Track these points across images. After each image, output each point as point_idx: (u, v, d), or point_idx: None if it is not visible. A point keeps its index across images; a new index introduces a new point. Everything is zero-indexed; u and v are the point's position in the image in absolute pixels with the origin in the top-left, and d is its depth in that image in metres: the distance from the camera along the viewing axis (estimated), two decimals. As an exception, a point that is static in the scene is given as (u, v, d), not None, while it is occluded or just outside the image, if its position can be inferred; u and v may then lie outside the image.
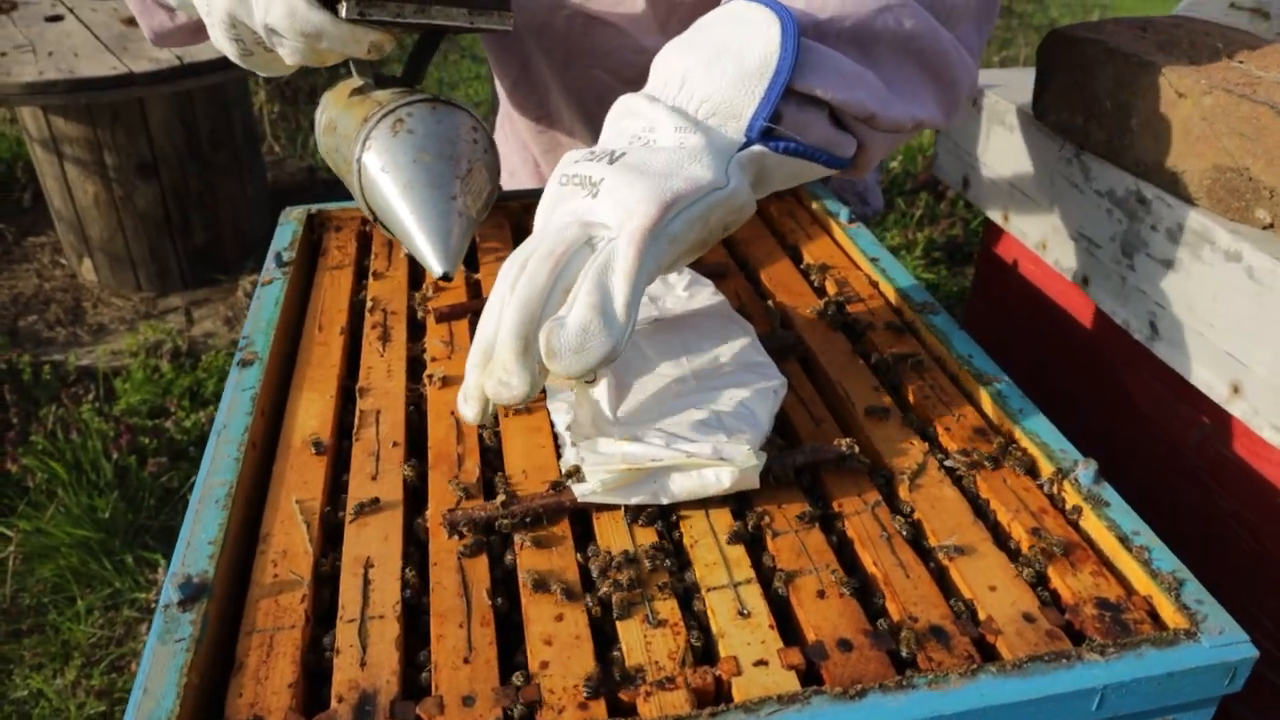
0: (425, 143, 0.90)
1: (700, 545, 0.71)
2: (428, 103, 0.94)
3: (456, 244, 0.87)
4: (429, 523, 0.74)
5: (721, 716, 0.57)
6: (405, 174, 0.88)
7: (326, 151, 1.07)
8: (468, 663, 0.62)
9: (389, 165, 0.89)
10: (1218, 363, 0.91)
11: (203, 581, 0.66)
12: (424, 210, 0.87)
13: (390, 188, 0.89)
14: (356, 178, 0.93)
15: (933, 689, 0.59)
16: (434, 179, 0.88)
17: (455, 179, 0.89)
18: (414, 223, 0.87)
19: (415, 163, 0.88)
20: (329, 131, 1.04)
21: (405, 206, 0.87)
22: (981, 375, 0.88)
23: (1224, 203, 0.90)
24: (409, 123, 0.91)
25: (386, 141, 0.90)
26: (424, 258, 0.87)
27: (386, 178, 0.89)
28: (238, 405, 0.84)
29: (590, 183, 0.68)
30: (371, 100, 0.97)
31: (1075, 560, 0.70)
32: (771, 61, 0.70)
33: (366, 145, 0.91)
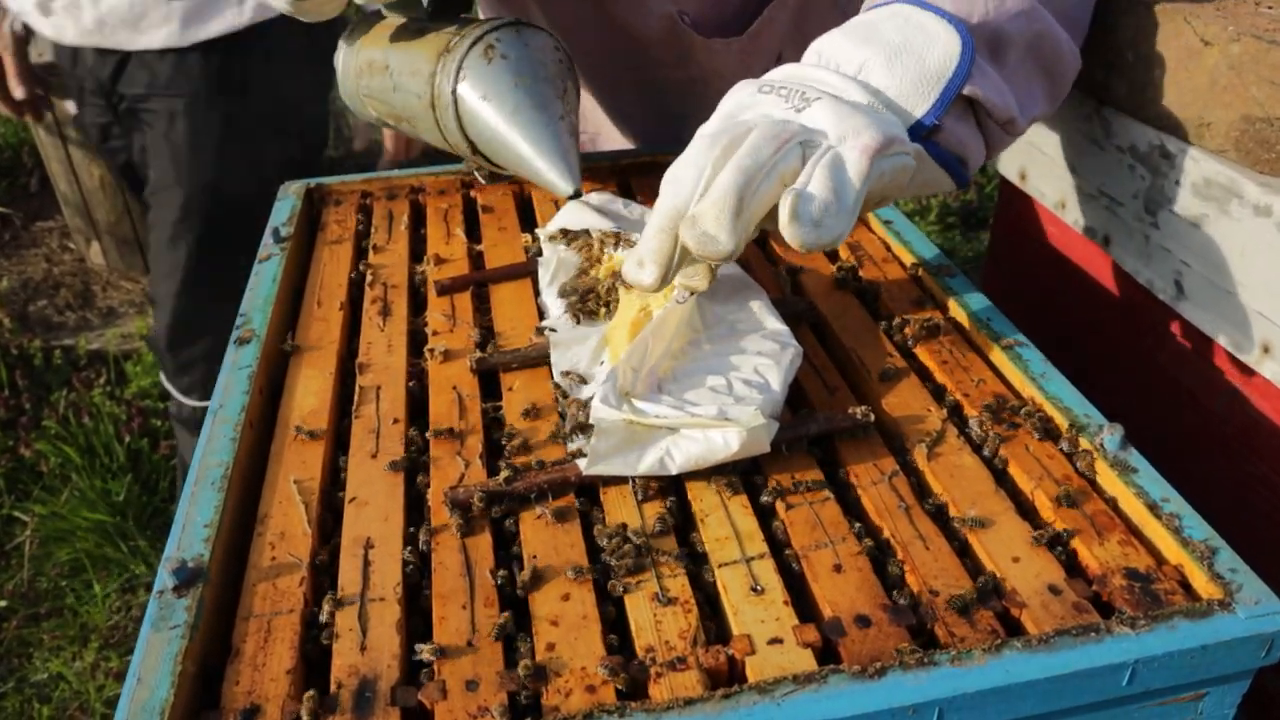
0: (521, 66, 0.90)
1: (711, 519, 0.68)
2: (511, 27, 0.94)
3: (576, 160, 0.88)
4: (431, 500, 0.72)
5: (735, 698, 0.54)
6: (510, 99, 0.89)
7: (374, 93, 1.05)
8: (472, 646, 0.60)
9: (490, 93, 0.89)
10: (1247, 322, 0.88)
11: (198, 566, 0.64)
12: (537, 133, 0.88)
13: (496, 115, 0.89)
14: (451, 111, 0.92)
15: (955, 666, 0.56)
16: (539, 100, 0.89)
17: (557, 99, 0.90)
18: (529, 147, 0.88)
19: (517, 87, 0.89)
20: (376, 72, 1.02)
21: (517, 132, 0.88)
22: (1001, 338, 0.85)
23: (1253, 154, 0.86)
24: (500, 48, 0.91)
25: (482, 70, 0.90)
26: (546, 180, 0.88)
27: (490, 106, 0.89)
28: (234, 384, 0.82)
29: (802, 97, 0.69)
30: (440, 33, 0.96)
31: (1102, 529, 0.67)
32: (950, 66, 0.73)
33: (461, 76, 0.91)
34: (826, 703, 0.54)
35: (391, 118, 1.08)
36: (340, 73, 1.14)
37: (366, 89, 1.07)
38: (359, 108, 1.13)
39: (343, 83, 1.14)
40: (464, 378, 0.84)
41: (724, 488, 0.70)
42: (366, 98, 1.09)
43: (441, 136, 0.99)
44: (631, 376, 0.73)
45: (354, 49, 1.10)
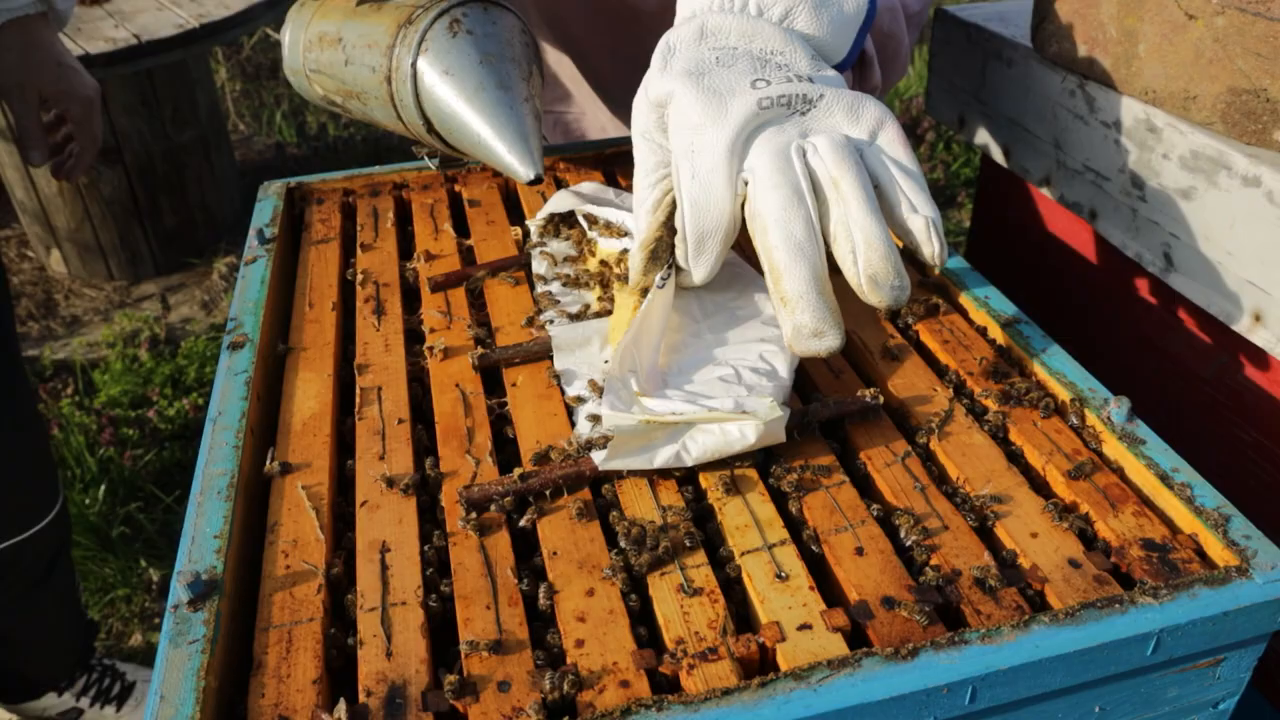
0: (486, 44, 0.86)
1: (729, 508, 0.68)
2: (478, 2, 0.90)
3: (538, 144, 0.84)
4: (444, 501, 0.71)
5: (771, 686, 0.54)
6: (473, 76, 0.84)
7: (323, 68, 1.00)
8: (500, 645, 0.59)
9: (453, 68, 0.85)
10: (1238, 292, 0.89)
11: (212, 578, 0.63)
12: (499, 112, 0.84)
13: (457, 92, 0.85)
14: (409, 85, 0.88)
15: (986, 643, 0.57)
16: (503, 80, 0.85)
17: (523, 80, 0.86)
18: (489, 127, 0.84)
19: (481, 64, 0.85)
20: (327, 45, 0.98)
21: (478, 111, 0.84)
22: (1000, 316, 0.86)
23: (1240, 126, 0.87)
24: (466, 23, 0.87)
25: (445, 43, 0.86)
26: (505, 163, 0.84)
27: (451, 82, 0.85)
28: (231, 390, 0.80)
29: (804, 100, 0.70)
30: (401, 6, 0.92)
31: (1115, 501, 0.68)
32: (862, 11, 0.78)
33: (423, 49, 0.86)
34: (862, 686, 0.55)
35: (340, 94, 1.03)
36: (287, 46, 1.09)
37: (315, 63, 1.02)
38: (304, 85, 1.08)
39: (289, 58, 1.09)
40: (466, 375, 0.83)
41: (739, 476, 0.70)
42: (314, 73, 1.04)
43: (395, 114, 0.94)
44: (633, 379, 0.72)
45: (304, 22, 1.05)
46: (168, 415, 2.57)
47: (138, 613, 2.26)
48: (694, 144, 0.69)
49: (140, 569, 2.33)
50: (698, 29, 0.74)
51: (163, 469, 2.51)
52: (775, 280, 0.67)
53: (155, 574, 2.31)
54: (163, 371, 2.68)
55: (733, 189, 0.69)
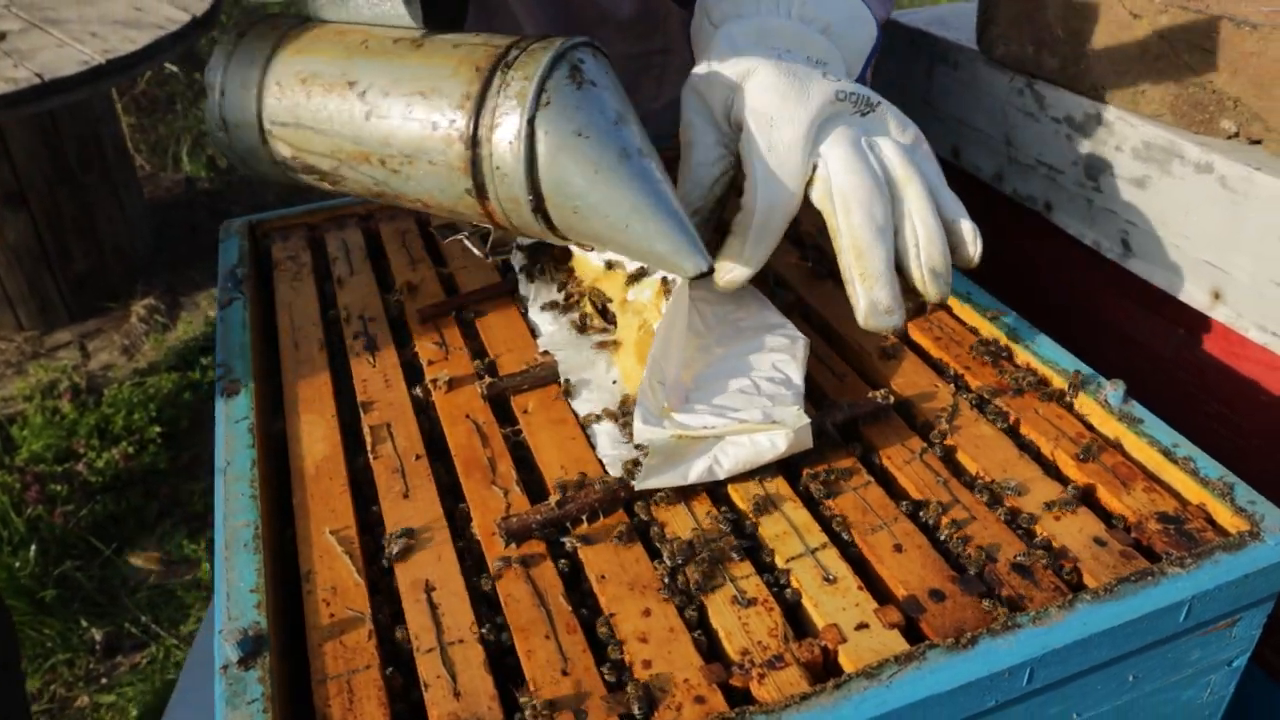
0: (614, 99, 0.68)
1: (765, 517, 0.69)
2: (588, 46, 0.70)
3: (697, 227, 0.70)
4: (479, 533, 0.70)
5: (845, 687, 0.56)
6: (615, 142, 0.66)
7: (313, 119, 0.76)
8: (567, 675, 0.59)
9: (588, 129, 0.66)
10: (1196, 272, 0.95)
11: (258, 633, 0.61)
12: (649, 189, 0.67)
13: (597, 161, 0.66)
14: (522, 148, 0.66)
15: (1038, 625, 0.59)
16: (643, 146, 0.68)
17: (654, 147, 0.70)
18: (646, 209, 0.66)
19: (617, 125, 0.67)
20: (324, 90, 0.75)
21: (627, 187, 0.66)
22: (986, 310, 0.89)
23: (1188, 117, 0.93)
24: (587, 71, 0.68)
25: (574, 97, 0.66)
26: (664, 255, 0.67)
27: (588, 146, 0.66)
28: (236, 438, 0.78)
29: (868, 103, 0.76)
30: (464, 44, 0.71)
31: (1125, 479, 0.71)
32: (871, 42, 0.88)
33: (542, 101, 0.66)
34: (931, 678, 0.56)
35: (335, 156, 0.77)
36: (220, 93, 0.81)
37: (288, 115, 0.77)
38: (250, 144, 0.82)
39: (225, 109, 0.81)
40: (475, 405, 0.82)
41: (768, 485, 0.72)
42: (281, 128, 0.78)
43: (464, 185, 0.71)
44: (662, 392, 0.73)
45: (258, 58, 0.78)
46: (97, 467, 2.46)
47: (82, 676, 2.16)
48: (774, 118, 0.72)
49: (81, 629, 2.22)
50: (756, 28, 0.77)
51: (96, 523, 2.40)
52: (857, 256, 0.73)
53: (98, 633, 2.20)
54: (87, 422, 2.56)
55: (806, 169, 0.73)
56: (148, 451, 2.56)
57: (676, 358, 0.78)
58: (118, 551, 2.35)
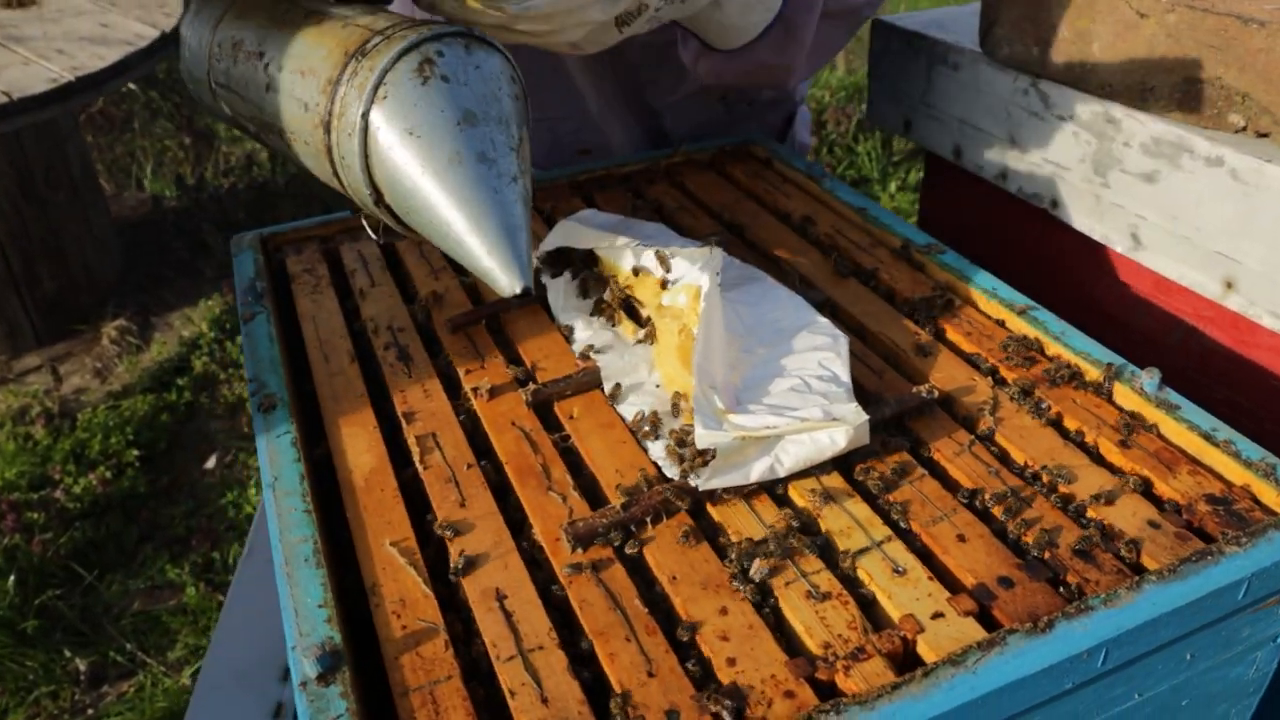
0: (467, 96, 0.64)
1: (826, 512, 0.70)
2: (459, 37, 0.67)
3: (527, 243, 0.64)
4: (542, 540, 0.70)
5: (933, 675, 0.57)
6: (448, 143, 0.63)
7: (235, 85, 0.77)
8: (653, 676, 0.59)
9: (421, 127, 0.63)
10: (1207, 262, 0.97)
11: (334, 648, 0.60)
12: (479, 196, 0.63)
13: (424, 162, 0.63)
14: (357, 141, 0.65)
15: (1109, 607, 0.61)
16: (487, 150, 0.64)
17: (511, 151, 0.65)
18: (466, 216, 0.63)
19: (460, 126, 0.63)
20: (242, 58, 0.76)
21: (451, 191, 0.63)
22: (1013, 305, 0.91)
23: (1196, 113, 0.96)
24: (441, 65, 0.64)
25: (412, 91, 0.64)
26: (484, 268, 0.64)
27: (417, 146, 0.63)
28: (281, 453, 0.77)
29: None
30: (349, 24, 0.70)
31: (1169, 463, 0.73)
32: None
33: (379, 95, 0.64)
34: (1014, 662, 0.57)
35: (255, 124, 0.79)
36: (187, 48, 0.84)
37: (224, 77, 0.79)
38: (207, 99, 0.85)
39: (189, 62, 0.85)
40: (519, 412, 0.82)
41: (826, 482, 0.72)
42: (221, 88, 0.80)
43: (330, 169, 0.71)
44: (714, 396, 0.74)
45: (211, 17, 0.81)
46: (75, 493, 2.41)
47: (67, 708, 2.11)
48: None
49: (64, 660, 2.17)
50: None
51: (76, 550, 2.35)
52: None
53: (82, 663, 2.15)
54: (62, 448, 2.51)
55: None
56: (126, 476, 2.51)
57: (720, 360, 0.79)
58: (100, 577, 2.30)
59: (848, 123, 3.81)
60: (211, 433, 2.66)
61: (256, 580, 1.51)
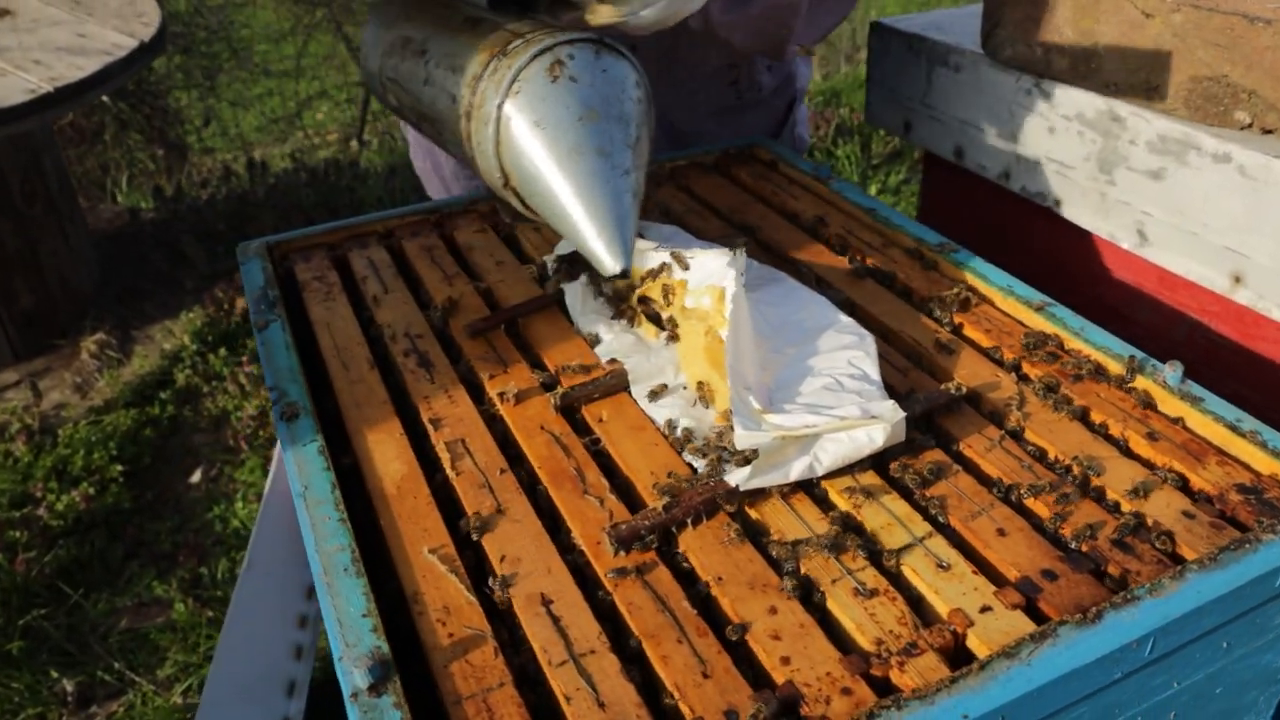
0: (591, 95, 0.73)
1: (865, 510, 0.70)
2: (590, 43, 0.76)
3: (631, 230, 0.72)
4: (582, 543, 0.69)
5: (989, 668, 0.57)
6: (570, 135, 0.72)
7: (401, 79, 0.88)
8: (708, 677, 0.59)
9: (547, 120, 0.72)
10: (1215, 258, 0.99)
11: (383, 658, 0.59)
12: (593, 185, 0.72)
13: (547, 151, 0.72)
14: (491, 129, 0.75)
15: (1154, 597, 0.61)
16: (605, 144, 0.72)
17: (627, 148, 0.73)
18: (580, 201, 0.72)
19: (581, 121, 0.72)
20: (409, 55, 0.86)
21: (569, 178, 0.72)
22: (1031, 302, 0.92)
23: (1202, 110, 0.97)
24: (570, 67, 0.73)
25: (542, 88, 0.73)
26: (589, 248, 0.73)
27: (542, 137, 0.72)
28: (309, 462, 0.76)
29: None
30: (499, 31, 0.79)
31: (1197, 454, 0.74)
32: None
33: (513, 90, 0.73)
34: (1067, 653, 0.58)
35: (414, 113, 0.90)
36: (366, 45, 0.96)
37: (393, 71, 0.90)
38: (379, 91, 0.97)
39: (366, 58, 0.97)
40: (547, 416, 0.82)
41: (862, 480, 0.73)
42: (390, 81, 0.91)
43: (468, 153, 0.82)
44: (750, 396, 0.74)
45: (389, 19, 0.92)
46: (58, 510, 2.36)
47: (56, 731, 2.06)
48: None
49: (51, 680, 2.12)
50: None
51: (61, 569, 2.30)
52: None
53: (70, 683, 2.10)
54: (44, 464, 2.46)
55: None
56: (110, 492, 2.46)
57: (751, 361, 0.79)
58: (86, 595, 2.26)
59: (826, 127, 3.83)
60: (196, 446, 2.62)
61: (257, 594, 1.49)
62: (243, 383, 2.71)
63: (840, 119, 3.86)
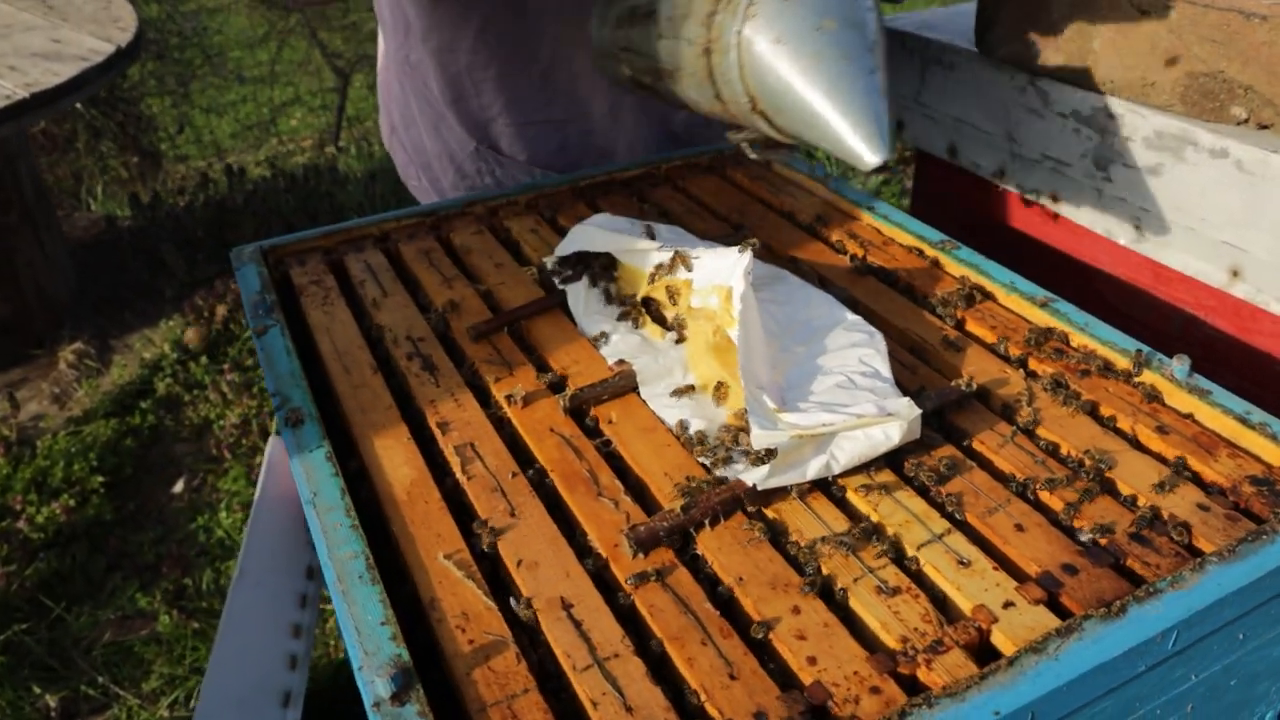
0: (825, 5, 0.76)
1: (883, 508, 0.70)
2: None
3: (887, 123, 0.75)
4: (599, 546, 0.69)
5: (1018, 663, 0.57)
6: (810, 44, 0.75)
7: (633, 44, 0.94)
8: (735, 679, 0.58)
9: (786, 35, 0.76)
10: (1213, 252, 1.00)
11: (404, 666, 0.58)
12: (841, 85, 0.74)
13: (791, 63, 0.76)
14: (734, 55, 0.79)
15: (1176, 589, 0.61)
16: (846, 49, 0.75)
17: (867, 51, 0.76)
18: (830, 103, 0.74)
19: (819, 30, 0.75)
20: (638, 21, 0.91)
21: (816, 83, 0.75)
22: (1034, 298, 0.92)
23: (1198, 106, 0.98)
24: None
25: (776, 6, 0.76)
26: (847, 146, 0.74)
27: (784, 51, 0.76)
28: (317, 468, 0.75)
29: None
30: None
31: (1208, 447, 0.75)
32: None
33: (749, 13, 0.78)
34: (1094, 647, 0.58)
35: (649, 73, 0.94)
36: (596, 24, 1.02)
37: (624, 40, 0.96)
38: (611, 67, 1.02)
39: (596, 36, 1.03)
40: (556, 418, 0.81)
41: (878, 477, 0.72)
42: (622, 51, 0.97)
43: (713, 92, 0.85)
44: (764, 396, 0.73)
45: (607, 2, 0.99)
46: (38, 523, 2.32)
47: (39, 748, 2.02)
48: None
49: (33, 696, 2.08)
50: None
51: (42, 582, 2.26)
52: None
53: (52, 699, 2.07)
54: (23, 476, 2.42)
55: None
56: (90, 503, 2.42)
57: (763, 361, 0.78)
58: (68, 609, 2.22)
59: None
60: (178, 456, 2.58)
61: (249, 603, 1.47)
62: (225, 391, 2.68)
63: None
